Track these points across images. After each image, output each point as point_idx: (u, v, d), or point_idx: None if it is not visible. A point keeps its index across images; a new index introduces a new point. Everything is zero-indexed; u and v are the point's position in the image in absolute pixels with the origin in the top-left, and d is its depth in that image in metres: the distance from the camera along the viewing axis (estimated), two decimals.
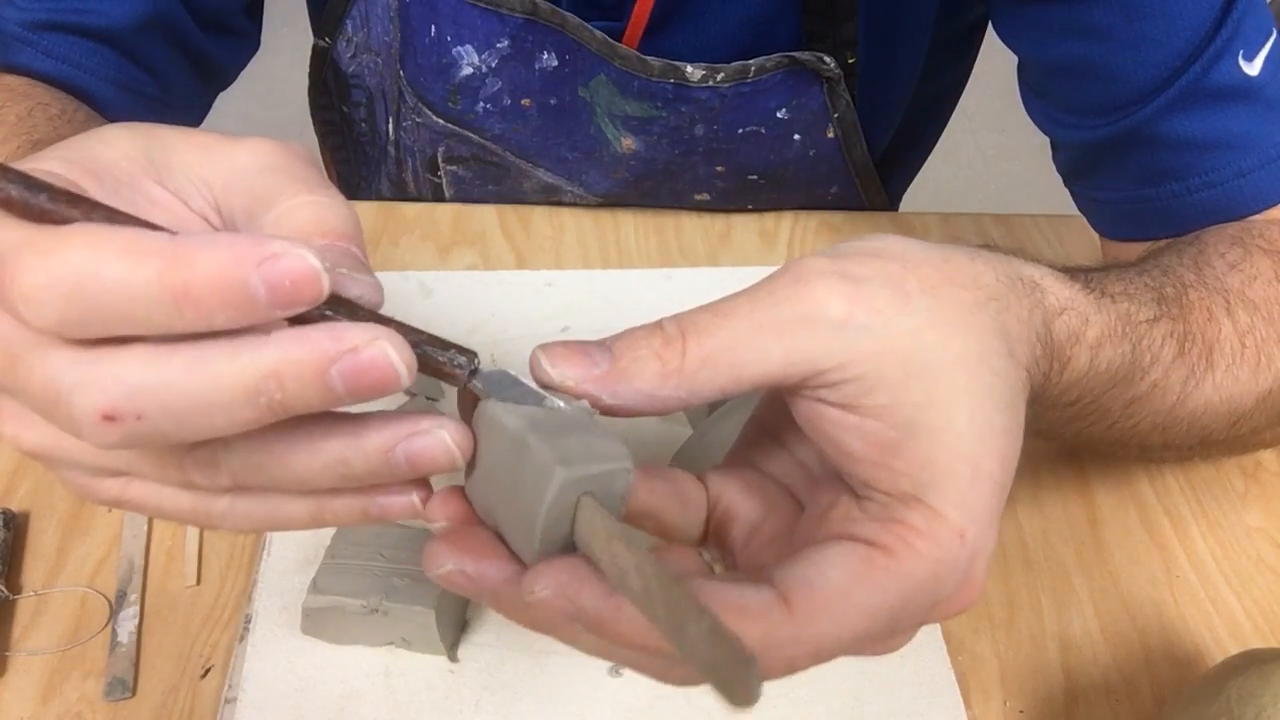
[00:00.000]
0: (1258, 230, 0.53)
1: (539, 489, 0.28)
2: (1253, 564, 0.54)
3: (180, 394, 0.25)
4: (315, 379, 0.26)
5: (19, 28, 0.58)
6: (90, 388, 0.25)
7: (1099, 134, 0.57)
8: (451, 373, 0.30)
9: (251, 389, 0.25)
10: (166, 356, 0.25)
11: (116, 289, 0.24)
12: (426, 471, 0.29)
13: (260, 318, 0.25)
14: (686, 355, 0.30)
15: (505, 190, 0.76)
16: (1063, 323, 0.37)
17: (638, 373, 0.30)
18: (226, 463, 0.28)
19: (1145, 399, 0.44)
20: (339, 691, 0.45)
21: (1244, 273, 0.50)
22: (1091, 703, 0.48)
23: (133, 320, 0.25)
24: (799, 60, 0.64)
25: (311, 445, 0.28)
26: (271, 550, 0.50)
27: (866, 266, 0.31)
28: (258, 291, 0.25)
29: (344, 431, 0.28)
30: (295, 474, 0.28)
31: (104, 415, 0.25)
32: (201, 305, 0.25)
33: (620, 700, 0.46)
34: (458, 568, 0.30)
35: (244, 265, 0.24)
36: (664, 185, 0.72)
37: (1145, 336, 0.43)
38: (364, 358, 0.26)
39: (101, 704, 0.45)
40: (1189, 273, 0.49)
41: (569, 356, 0.30)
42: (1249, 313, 0.48)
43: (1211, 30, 0.53)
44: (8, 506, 0.51)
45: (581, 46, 0.65)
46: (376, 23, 0.70)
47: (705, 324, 0.30)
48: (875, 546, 0.29)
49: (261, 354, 0.26)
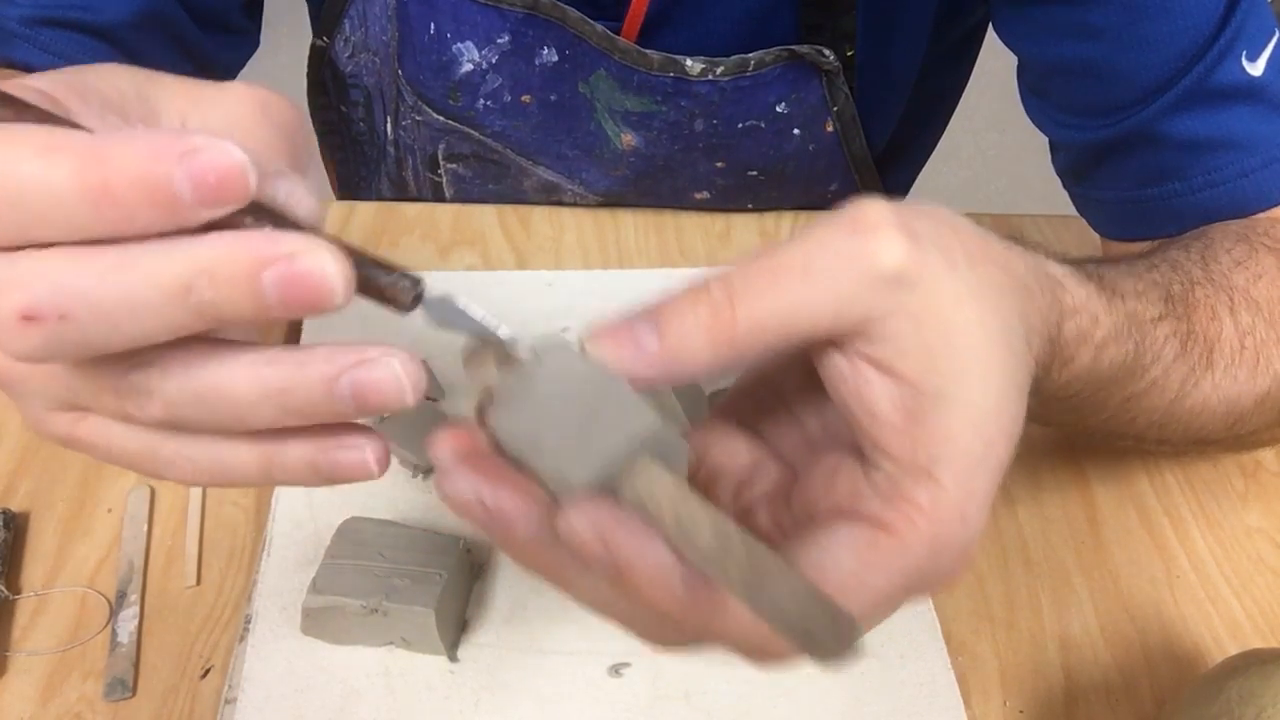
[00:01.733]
0: (1262, 228, 0.53)
1: (618, 430, 0.27)
2: (1253, 564, 0.54)
3: (107, 291, 0.24)
4: (247, 281, 0.24)
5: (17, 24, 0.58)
6: (9, 285, 0.24)
7: (1101, 135, 0.57)
8: (394, 295, 0.28)
9: (182, 286, 0.24)
10: (94, 254, 0.24)
11: (33, 189, 0.23)
12: (374, 407, 0.27)
13: (185, 218, 0.24)
14: (737, 325, 0.28)
15: (505, 189, 0.76)
16: (1074, 323, 0.37)
17: (687, 350, 0.28)
18: (161, 390, 0.27)
19: (1143, 395, 0.45)
20: (339, 691, 0.45)
21: (1249, 270, 0.50)
22: (1091, 703, 0.48)
23: (51, 222, 0.24)
24: (798, 53, 0.64)
25: (251, 371, 0.26)
26: (271, 550, 0.50)
27: (923, 224, 0.30)
28: (181, 187, 0.23)
29: (286, 360, 0.26)
30: (234, 406, 0.27)
31: (23, 315, 0.24)
32: (122, 203, 0.23)
33: (620, 700, 0.46)
34: (475, 494, 0.27)
35: (165, 160, 0.23)
36: (664, 183, 0.72)
37: (1149, 335, 0.43)
38: (299, 265, 0.24)
39: (101, 704, 0.45)
40: (1196, 269, 0.49)
41: (617, 340, 0.28)
42: (1251, 313, 0.48)
43: (1215, 31, 0.53)
44: (8, 506, 0.51)
45: (582, 41, 0.65)
46: (374, 22, 0.70)
47: (755, 285, 0.28)
48: (881, 527, 0.29)
49: (194, 250, 0.24)
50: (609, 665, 0.47)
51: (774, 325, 0.28)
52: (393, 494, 0.53)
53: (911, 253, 0.29)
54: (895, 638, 0.48)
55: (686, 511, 0.26)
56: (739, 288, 0.29)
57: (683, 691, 0.46)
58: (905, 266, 0.29)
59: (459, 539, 0.48)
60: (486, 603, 0.49)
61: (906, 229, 0.29)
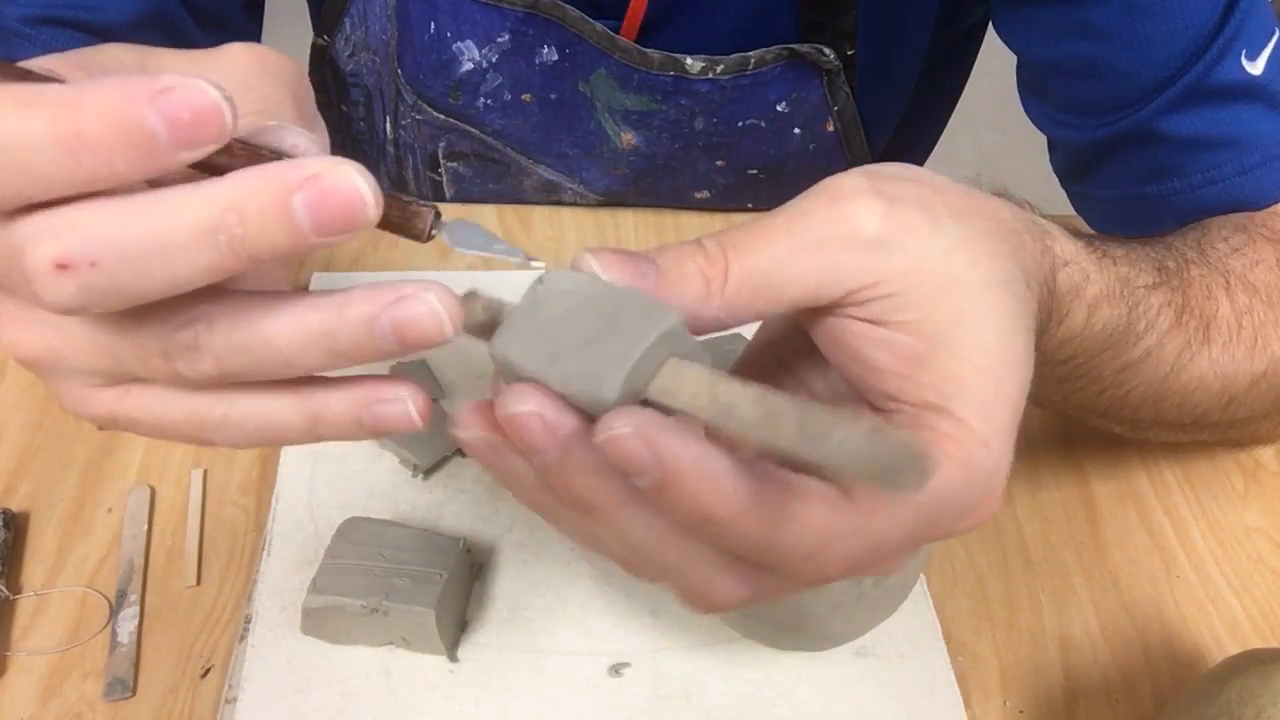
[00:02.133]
0: (1260, 220, 0.53)
1: (637, 332, 0.27)
2: (1253, 564, 0.54)
3: (135, 235, 0.24)
4: (278, 210, 0.24)
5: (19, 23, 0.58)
6: (41, 236, 0.24)
7: (1100, 133, 0.57)
8: (413, 222, 0.28)
9: (210, 225, 0.24)
10: (121, 201, 0.24)
11: (12, 143, 0.23)
12: (415, 342, 0.27)
13: (165, 159, 0.24)
14: (729, 275, 0.29)
15: (505, 188, 0.76)
16: (1066, 274, 0.37)
17: (683, 288, 0.29)
18: (209, 343, 0.27)
19: (1138, 365, 0.44)
20: (339, 691, 0.45)
21: (1247, 257, 0.50)
22: (1091, 703, 0.48)
23: (37, 175, 0.24)
24: (798, 52, 0.64)
25: (294, 318, 0.27)
26: (272, 550, 0.50)
27: (900, 187, 0.31)
28: (156, 128, 0.23)
29: (327, 305, 0.27)
30: (280, 352, 0.27)
31: (57, 263, 0.24)
32: (98, 149, 0.23)
33: (620, 700, 0.46)
34: (538, 409, 0.27)
35: (136, 102, 0.23)
36: (664, 182, 0.72)
37: (1142, 301, 0.43)
38: (327, 183, 0.24)
39: (101, 704, 0.45)
40: (1191, 250, 0.49)
41: (619, 263, 0.29)
42: (1248, 295, 0.48)
43: (1214, 29, 0.53)
44: (8, 506, 0.51)
45: (582, 40, 0.65)
46: (374, 21, 0.70)
47: (745, 243, 0.30)
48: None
49: (219, 189, 0.24)
50: (609, 665, 0.47)
51: (762, 284, 0.29)
52: (393, 494, 0.53)
53: (889, 216, 0.30)
54: (895, 638, 0.48)
55: (724, 390, 0.26)
56: (729, 244, 0.30)
57: (683, 691, 0.46)
58: (883, 230, 0.30)
59: (459, 539, 0.48)
60: (486, 603, 0.49)
61: (882, 194, 0.30)
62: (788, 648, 0.47)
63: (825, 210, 0.30)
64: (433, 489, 0.53)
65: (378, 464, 0.54)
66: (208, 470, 0.54)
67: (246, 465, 0.55)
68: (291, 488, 0.53)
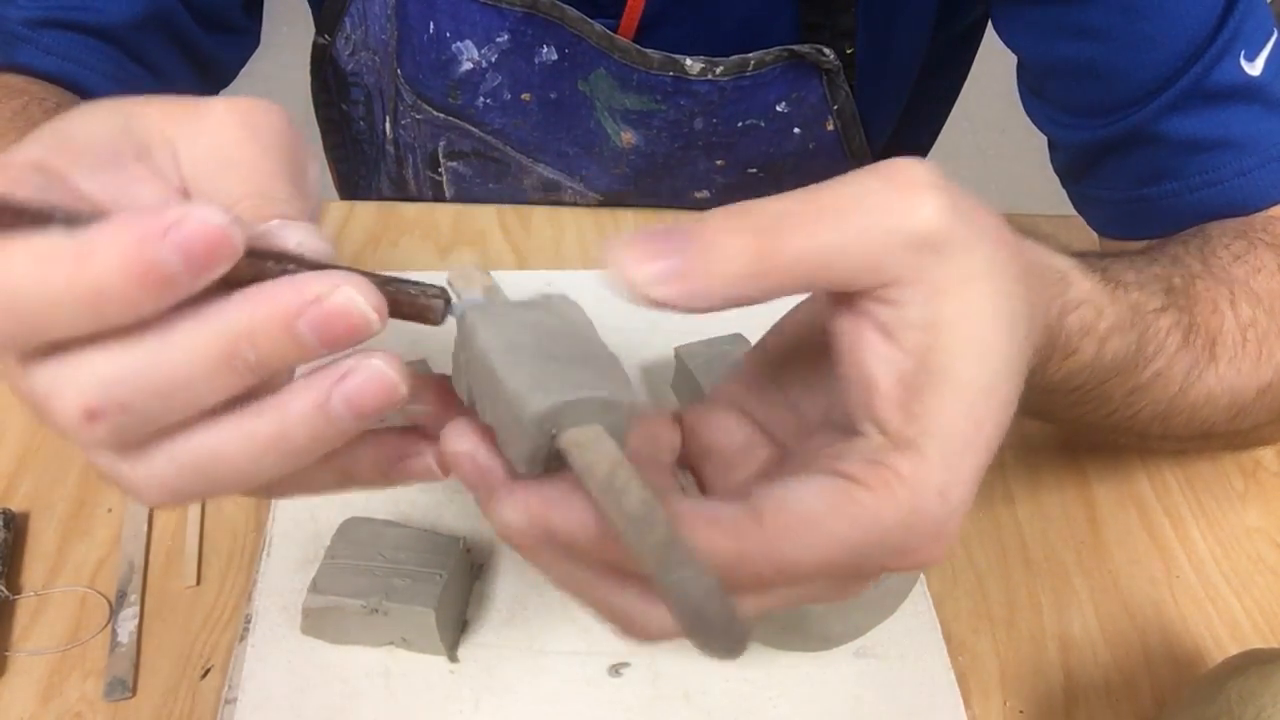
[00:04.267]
0: (1260, 224, 0.53)
1: (580, 379, 0.27)
2: (1253, 564, 0.54)
3: (159, 376, 0.25)
4: (285, 334, 0.25)
5: (20, 25, 0.58)
6: (66, 390, 0.25)
7: (1099, 134, 0.57)
8: (425, 312, 0.29)
9: (225, 354, 0.25)
10: (134, 341, 0.25)
11: (34, 299, 0.24)
12: (375, 412, 0.28)
13: (185, 289, 0.25)
14: (780, 254, 0.27)
15: (505, 188, 0.76)
16: (1077, 316, 0.38)
17: (725, 269, 0.27)
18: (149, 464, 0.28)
19: (1147, 388, 0.45)
20: (339, 691, 0.45)
21: (1249, 264, 0.50)
22: (1091, 703, 0.48)
23: (62, 326, 0.25)
24: (798, 53, 0.64)
25: (239, 429, 0.27)
26: (271, 550, 0.50)
27: (962, 196, 0.30)
28: (172, 266, 0.24)
29: (270, 408, 0.27)
30: (236, 467, 0.27)
31: (86, 414, 0.25)
32: (120, 297, 0.24)
33: (620, 700, 0.46)
34: (472, 451, 0.29)
35: (150, 244, 0.24)
36: (664, 182, 0.72)
37: (1151, 326, 0.43)
38: (329, 306, 0.25)
39: (101, 704, 0.45)
40: (1196, 263, 0.49)
41: (645, 250, 0.27)
42: (1252, 306, 0.49)
43: (1213, 30, 0.53)
44: (8, 506, 0.51)
45: (581, 40, 0.65)
46: (374, 20, 0.70)
47: (798, 226, 0.28)
48: (856, 482, 0.28)
49: (226, 317, 0.25)
50: (609, 665, 0.47)
51: (810, 263, 0.28)
52: (393, 494, 0.53)
53: (948, 217, 0.28)
54: (895, 638, 0.48)
55: (623, 475, 0.26)
56: (784, 224, 0.28)
57: (683, 691, 0.46)
58: (938, 230, 0.28)
59: (459, 539, 0.48)
60: (486, 603, 0.49)
61: (948, 192, 0.29)
62: (788, 648, 0.47)
63: (890, 194, 0.28)
64: (433, 489, 0.53)
65: None
66: None
67: None
68: None
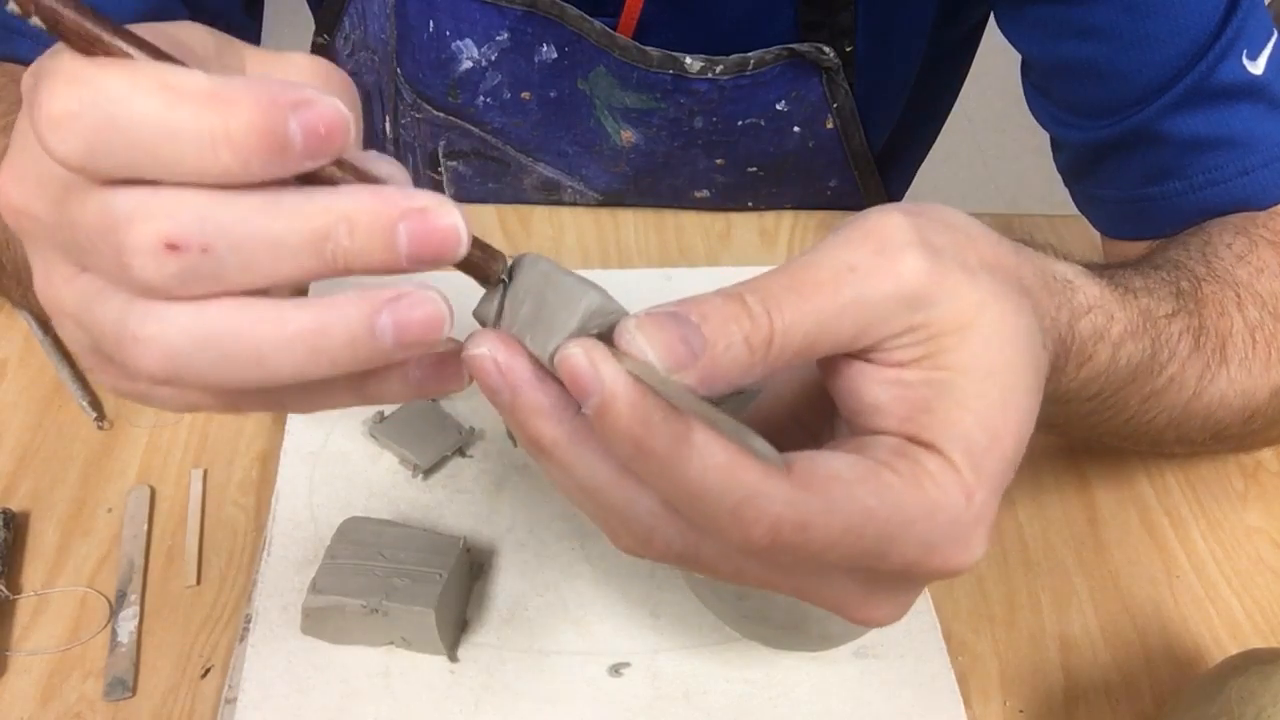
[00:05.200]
0: (1260, 220, 0.53)
1: (567, 312, 0.29)
2: (1253, 564, 0.54)
3: (252, 230, 0.25)
4: (384, 231, 0.26)
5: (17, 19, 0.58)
6: (155, 212, 0.25)
7: (1102, 133, 0.57)
8: (493, 259, 0.30)
9: (324, 232, 0.25)
10: (238, 194, 0.25)
11: (152, 124, 0.24)
12: (415, 337, 0.28)
13: (292, 166, 0.25)
14: (774, 340, 0.29)
15: (505, 187, 0.76)
16: (1088, 321, 0.38)
17: (729, 363, 0.28)
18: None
19: (1162, 393, 0.45)
20: (339, 691, 0.45)
21: (1251, 265, 0.50)
22: (1091, 703, 0.48)
23: (162, 160, 0.25)
24: (798, 52, 0.64)
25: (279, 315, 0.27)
26: (271, 550, 0.50)
27: (941, 236, 0.31)
28: (294, 137, 0.25)
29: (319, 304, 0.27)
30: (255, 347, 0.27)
31: (167, 243, 0.25)
32: (239, 148, 0.24)
33: (620, 700, 0.46)
34: (490, 352, 0.29)
35: (282, 110, 0.24)
36: (664, 181, 0.72)
37: (1164, 331, 0.43)
38: (433, 218, 0.26)
39: (101, 704, 0.45)
40: (1200, 266, 0.49)
41: (664, 337, 0.28)
42: (1258, 308, 0.49)
43: (1216, 29, 0.53)
44: (8, 506, 0.51)
45: (581, 38, 0.65)
46: (374, 20, 0.70)
47: (790, 303, 0.29)
48: (885, 465, 0.29)
49: (335, 199, 0.26)
50: (609, 665, 0.47)
51: (805, 342, 0.29)
52: (393, 494, 0.53)
53: (933, 273, 0.29)
54: (895, 638, 0.48)
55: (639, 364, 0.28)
56: (773, 303, 0.29)
57: (683, 691, 0.46)
58: (924, 285, 0.29)
59: (459, 539, 0.48)
60: (486, 603, 0.49)
61: (928, 246, 0.30)
62: (788, 648, 0.47)
63: (871, 261, 0.29)
64: (433, 489, 0.53)
65: (378, 464, 0.54)
66: (208, 470, 0.54)
67: (246, 465, 0.55)
68: (291, 488, 0.52)
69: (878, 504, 0.28)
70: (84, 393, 0.57)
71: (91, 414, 0.56)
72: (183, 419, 0.57)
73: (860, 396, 0.31)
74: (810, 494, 0.28)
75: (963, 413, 0.29)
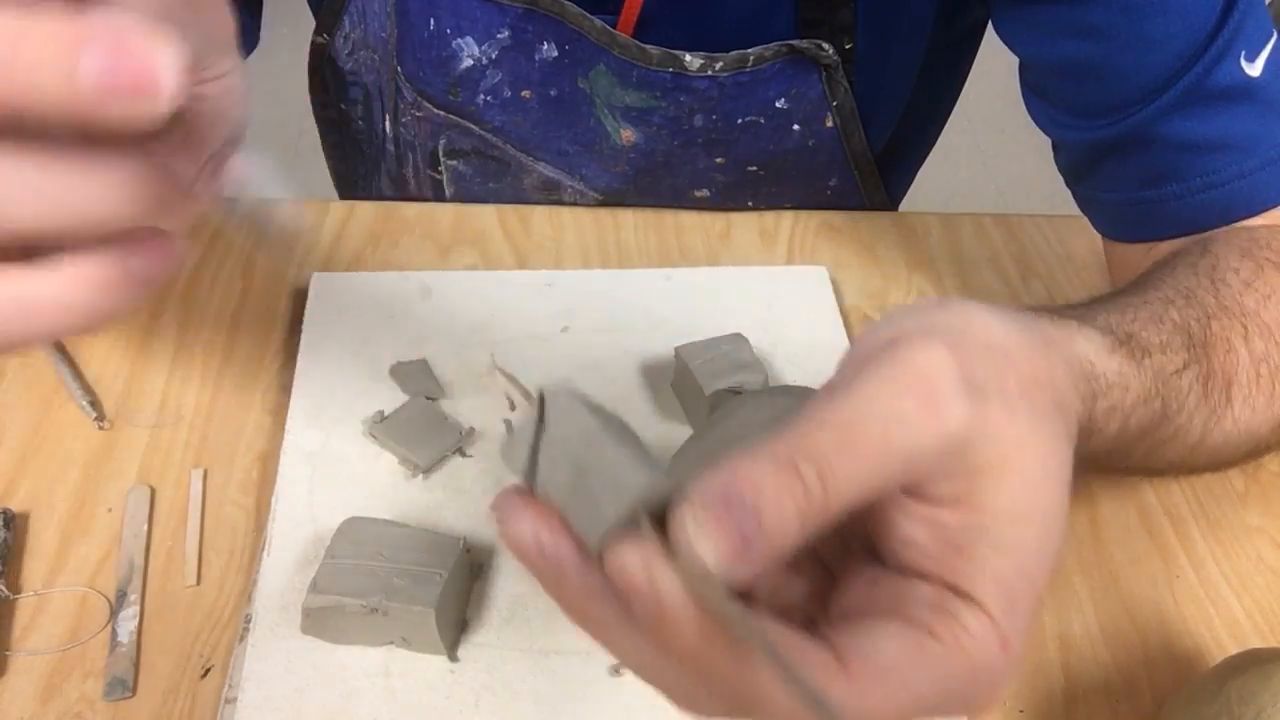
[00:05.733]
0: (1264, 240, 0.53)
1: (619, 493, 0.27)
2: (1253, 564, 0.54)
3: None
4: (61, 58, 0.21)
5: None
6: None
7: (1100, 135, 0.57)
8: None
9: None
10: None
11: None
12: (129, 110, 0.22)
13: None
14: (829, 509, 0.27)
15: (505, 187, 0.76)
16: (1105, 401, 0.38)
17: (784, 540, 0.27)
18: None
19: (1169, 442, 0.45)
20: (339, 691, 0.45)
21: (1259, 291, 0.50)
22: (1091, 703, 0.48)
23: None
24: (798, 49, 0.64)
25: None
26: (271, 550, 0.50)
27: (984, 367, 0.30)
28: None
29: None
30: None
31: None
32: None
33: (620, 700, 0.46)
34: (534, 535, 0.28)
35: None
36: (664, 180, 0.72)
37: (1174, 387, 0.43)
38: (129, 49, 0.21)
39: (101, 704, 0.45)
40: (1209, 296, 0.49)
41: (722, 534, 0.26)
42: (1264, 339, 0.49)
43: (1213, 31, 0.53)
44: (8, 506, 0.51)
45: (581, 36, 0.65)
46: (374, 18, 0.70)
47: (842, 466, 0.28)
48: (929, 632, 0.29)
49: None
50: (609, 665, 0.47)
51: (857, 499, 0.28)
52: (393, 494, 0.53)
53: (975, 414, 0.29)
54: None
55: (712, 577, 0.26)
56: (826, 467, 0.28)
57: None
58: (967, 428, 0.29)
59: (459, 539, 0.48)
60: (486, 603, 0.49)
61: (969, 384, 0.29)
62: None
63: (918, 411, 0.28)
64: (433, 489, 0.53)
65: (378, 464, 0.54)
66: (208, 470, 0.54)
67: (246, 465, 0.55)
68: (291, 488, 0.53)
69: (929, 683, 0.28)
70: (84, 393, 0.57)
71: (91, 414, 0.56)
72: (183, 419, 0.57)
73: (896, 531, 0.30)
74: (870, 693, 0.27)
75: (1000, 560, 0.29)
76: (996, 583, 0.29)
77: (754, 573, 0.27)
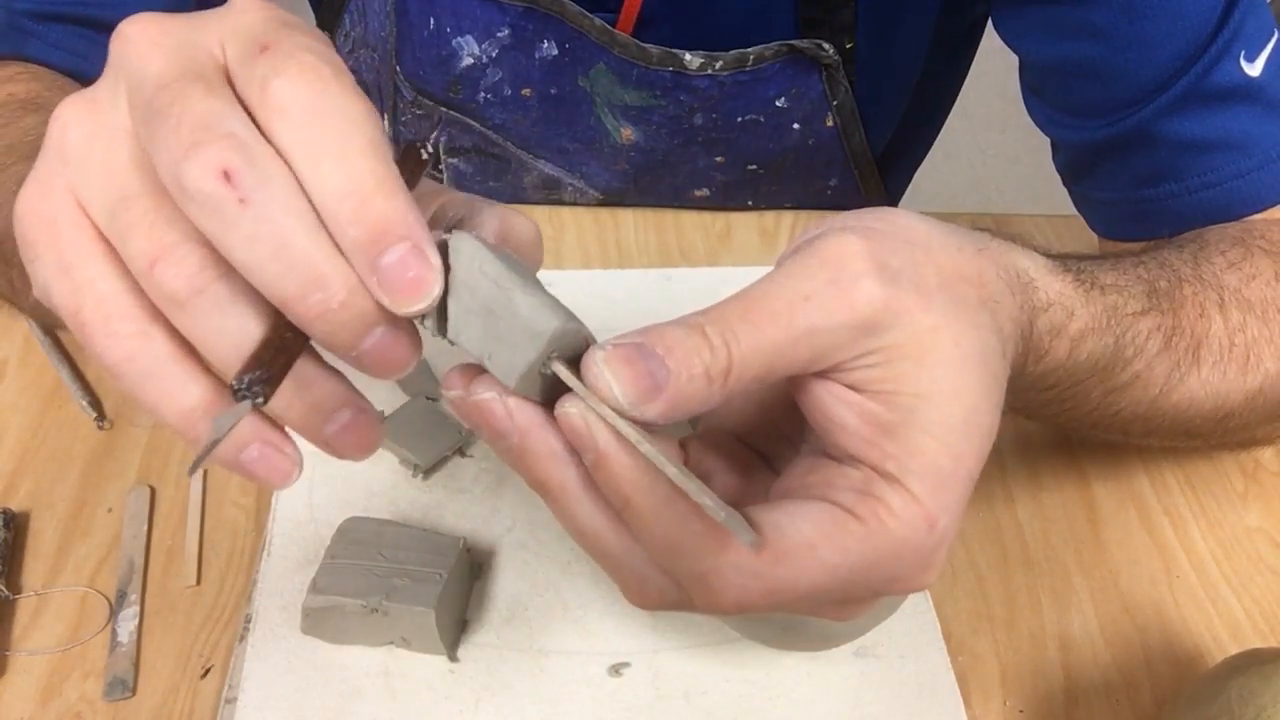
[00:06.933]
0: (1259, 230, 0.53)
1: (531, 332, 0.29)
2: (1253, 564, 0.54)
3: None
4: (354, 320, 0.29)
5: (25, 18, 0.58)
6: (217, 140, 0.27)
7: (1099, 134, 0.57)
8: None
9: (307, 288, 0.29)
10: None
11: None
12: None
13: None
14: (732, 370, 0.30)
15: (506, 186, 0.76)
16: (1046, 318, 0.38)
17: (691, 393, 0.29)
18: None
19: (1126, 389, 0.45)
20: (339, 691, 0.45)
21: (1243, 271, 0.50)
22: (1091, 703, 0.48)
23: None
24: (798, 48, 0.64)
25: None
26: (271, 550, 0.50)
27: (897, 255, 0.32)
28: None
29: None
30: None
31: (222, 170, 0.27)
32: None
33: (620, 700, 0.46)
34: (501, 400, 0.31)
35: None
36: (664, 179, 0.72)
37: (1130, 329, 0.43)
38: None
39: (101, 704, 0.45)
40: (1186, 267, 0.49)
41: (630, 372, 0.29)
42: (1242, 311, 0.48)
43: (1213, 31, 0.53)
44: (8, 506, 0.51)
45: (581, 35, 0.65)
46: (374, 17, 0.70)
47: (746, 334, 0.30)
48: (849, 512, 0.30)
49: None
50: (609, 665, 0.47)
51: (761, 370, 0.30)
52: (393, 494, 0.53)
53: (888, 299, 0.30)
54: (895, 638, 0.48)
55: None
56: (731, 335, 0.30)
57: (683, 691, 0.46)
58: (880, 310, 0.30)
59: (459, 539, 0.48)
60: (486, 603, 0.49)
61: (883, 270, 0.31)
62: (788, 648, 0.47)
63: (826, 290, 0.30)
64: (433, 489, 0.53)
65: (378, 464, 0.54)
66: (208, 470, 0.54)
67: None
68: (291, 487, 0.52)
69: (842, 559, 0.30)
70: (84, 393, 0.57)
71: (91, 414, 0.56)
72: None
73: (827, 415, 0.32)
74: (777, 565, 0.30)
75: (925, 439, 0.30)
76: (921, 462, 0.30)
77: (664, 419, 0.29)
